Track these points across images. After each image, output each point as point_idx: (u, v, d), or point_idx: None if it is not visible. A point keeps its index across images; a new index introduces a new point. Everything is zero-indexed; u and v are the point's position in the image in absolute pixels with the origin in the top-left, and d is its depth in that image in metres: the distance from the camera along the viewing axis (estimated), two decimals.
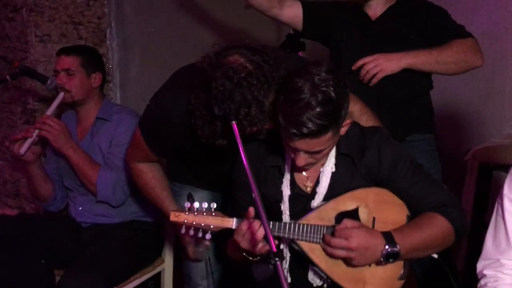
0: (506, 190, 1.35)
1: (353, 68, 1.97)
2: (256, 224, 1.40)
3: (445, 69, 1.98)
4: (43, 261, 1.75)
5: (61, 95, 2.12)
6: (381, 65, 1.93)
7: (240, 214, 1.49)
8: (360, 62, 1.97)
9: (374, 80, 1.95)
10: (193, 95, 1.44)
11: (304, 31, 2.20)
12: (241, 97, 1.36)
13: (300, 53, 2.95)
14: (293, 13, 2.16)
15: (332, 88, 1.32)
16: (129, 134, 2.09)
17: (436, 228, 1.46)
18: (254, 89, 1.37)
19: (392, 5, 2.08)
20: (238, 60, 1.40)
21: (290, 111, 1.33)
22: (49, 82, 2.15)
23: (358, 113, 1.70)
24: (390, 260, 1.44)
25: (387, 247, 1.42)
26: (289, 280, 1.57)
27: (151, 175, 1.81)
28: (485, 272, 1.36)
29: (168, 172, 1.92)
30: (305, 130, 1.32)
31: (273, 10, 2.15)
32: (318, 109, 1.31)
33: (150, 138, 1.70)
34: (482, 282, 1.36)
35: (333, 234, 1.45)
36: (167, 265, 2.28)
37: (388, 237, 1.43)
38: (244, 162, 1.26)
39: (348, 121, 1.44)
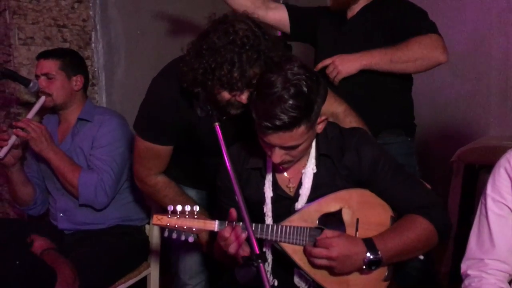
0: (489, 190, 1.35)
1: (315, 69, 1.98)
2: (238, 228, 1.40)
3: (403, 68, 1.95)
4: (17, 262, 1.71)
5: (42, 98, 2.10)
6: (337, 68, 1.96)
7: (226, 220, 1.48)
8: (320, 65, 2.01)
9: (335, 83, 1.97)
10: (190, 43, 1.50)
11: (292, 34, 2.24)
12: (228, 55, 1.40)
13: None
14: (278, 16, 2.21)
15: (304, 82, 1.35)
16: (112, 135, 2.08)
17: (418, 231, 1.46)
18: (244, 54, 1.40)
19: (367, 4, 2.09)
20: (241, 24, 1.45)
21: (263, 105, 1.36)
22: (31, 85, 2.12)
23: (343, 114, 1.73)
24: (373, 268, 1.44)
25: (368, 254, 1.42)
26: (275, 283, 1.55)
27: (174, 183, 1.82)
28: (469, 272, 1.36)
29: None
30: (278, 123, 1.33)
31: (257, 12, 2.16)
32: (290, 102, 1.33)
33: (149, 131, 1.69)
34: (466, 282, 1.36)
35: (315, 244, 1.44)
36: (153, 269, 2.25)
37: (369, 244, 1.43)
38: (226, 160, 1.26)
39: (323, 118, 1.45)
